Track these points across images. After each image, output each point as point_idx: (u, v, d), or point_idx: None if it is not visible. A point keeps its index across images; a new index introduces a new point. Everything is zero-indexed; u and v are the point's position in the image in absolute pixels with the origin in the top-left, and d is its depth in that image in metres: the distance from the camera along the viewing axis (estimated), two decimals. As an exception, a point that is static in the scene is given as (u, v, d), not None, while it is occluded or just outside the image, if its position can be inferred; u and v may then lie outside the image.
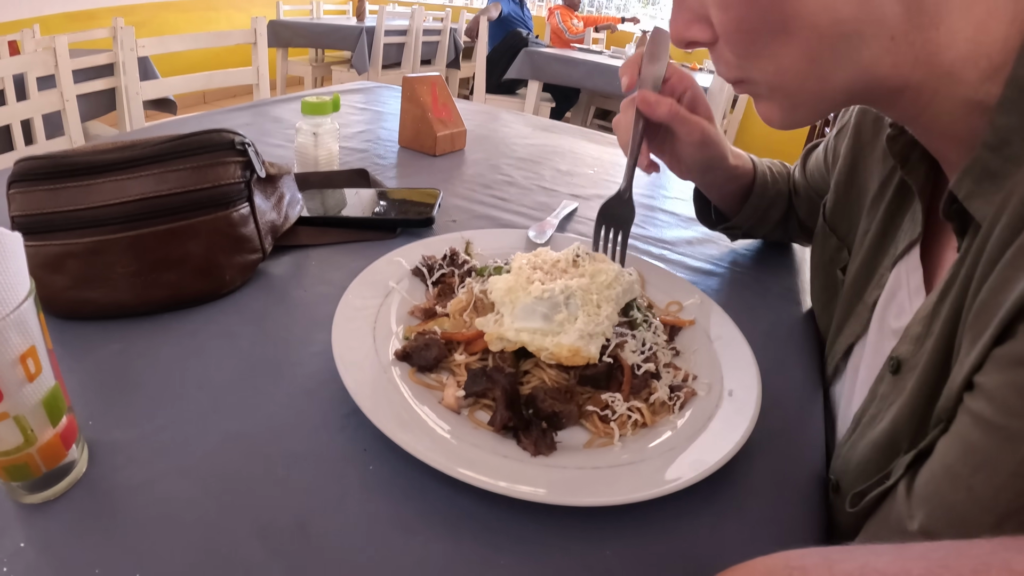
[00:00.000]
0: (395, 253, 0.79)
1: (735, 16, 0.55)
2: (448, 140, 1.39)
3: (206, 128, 0.73)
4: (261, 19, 2.48)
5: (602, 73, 4.64)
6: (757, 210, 1.02)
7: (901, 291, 0.68)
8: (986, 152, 0.51)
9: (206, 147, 0.72)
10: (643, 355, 0.64)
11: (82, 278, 0.66)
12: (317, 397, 0.59)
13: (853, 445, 0.61)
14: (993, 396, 0.41)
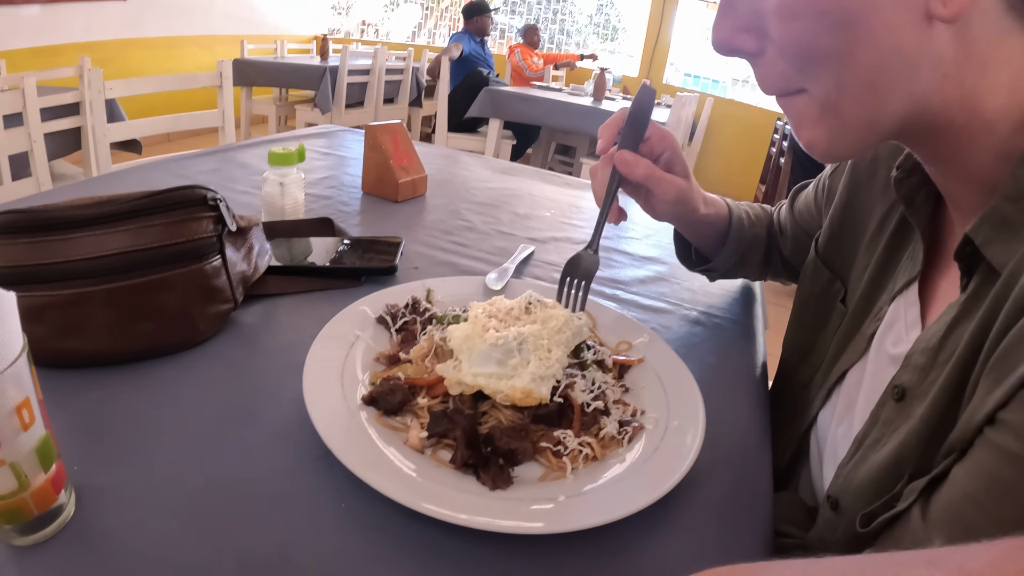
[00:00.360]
0: (360, 302, 0.83)
1: (801, 29, 0.55)
2: (410, 186, 1.43)
3: (179, 184, 0.77)
4: (227, 62, 2.51)
5: (562, 110, 4.72)
6: (735, 254, 1.05)
7: (899, 322, 0.72)
8: (1005, 203, 0.54)
9: (180, 203, 0.76)
10: (592, 394, 0.69)
11: (62, 328, 0.69)
12: (290, 440, 0.63)
13: (855, 467, 0.65)
14: (1019, 431, 0.44)
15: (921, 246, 0.71)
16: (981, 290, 0.57)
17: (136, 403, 0.66)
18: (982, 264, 0.56)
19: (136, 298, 0.72)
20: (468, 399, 0.66)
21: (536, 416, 0.65)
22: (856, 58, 0.54)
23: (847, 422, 0.75)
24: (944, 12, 0.50)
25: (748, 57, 0.60)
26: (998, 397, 0.46)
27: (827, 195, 0.94)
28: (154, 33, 6.57)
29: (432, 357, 0.72)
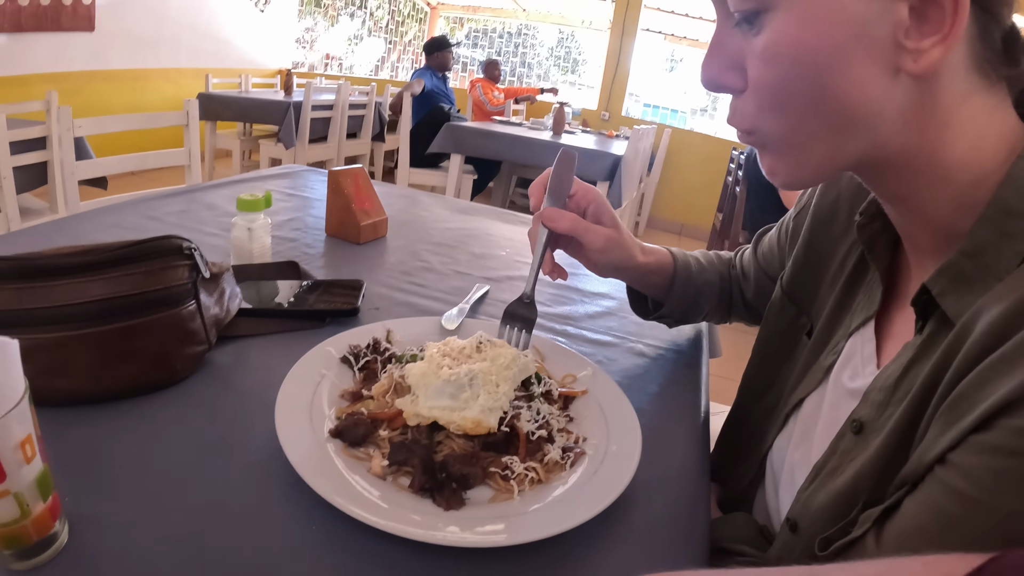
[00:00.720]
0: (325, 343, 0.89)
1: (778, 74, 0.58)
2: (371, 228, 1.50)
3: (151, 227, 0.82)
4: (193, 102, 2.55)
5: (522, 145, 4.80)
6: (684, 299, 1.09)
7: (855, 357, 0.76)
8: (963, 258, 0.58)
9: (158, 252, 0.81)
10: (536, 423, 0.76)
11: (48, 369, 0.73)
12: (264, 470, 0.68)
13: (814, 492, 0.68)
14: (969, 473, 0.48)
15: (879, 287, 0.76)
16: (935, 336, 0.61)
17: (119, 439, 0.71)
18: (937, 311, 0.61)
19: (117, 341, 0.77)
20: (424, 430, 0.72)
21: (486, 444, 0.72)
22: (824, 103, 0.58)
23: (804, 448, 0.79)
24: (914, 68, 0.55)
25: (732, 93, 0.64)
26: (949, 440, 0.50)
27: (791, 235, 0.99)
28: (120, 65, 6.58)
29: (392, 393, 0.78)
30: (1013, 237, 0.56)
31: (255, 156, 6.50)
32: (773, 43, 0.57)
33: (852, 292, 0.83)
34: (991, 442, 0.47)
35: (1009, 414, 0.46)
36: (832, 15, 0.55)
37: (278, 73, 8.66)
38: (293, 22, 9.48)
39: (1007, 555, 0.26)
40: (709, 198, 7.16)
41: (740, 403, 1.00)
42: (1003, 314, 0.50)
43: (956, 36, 0.53)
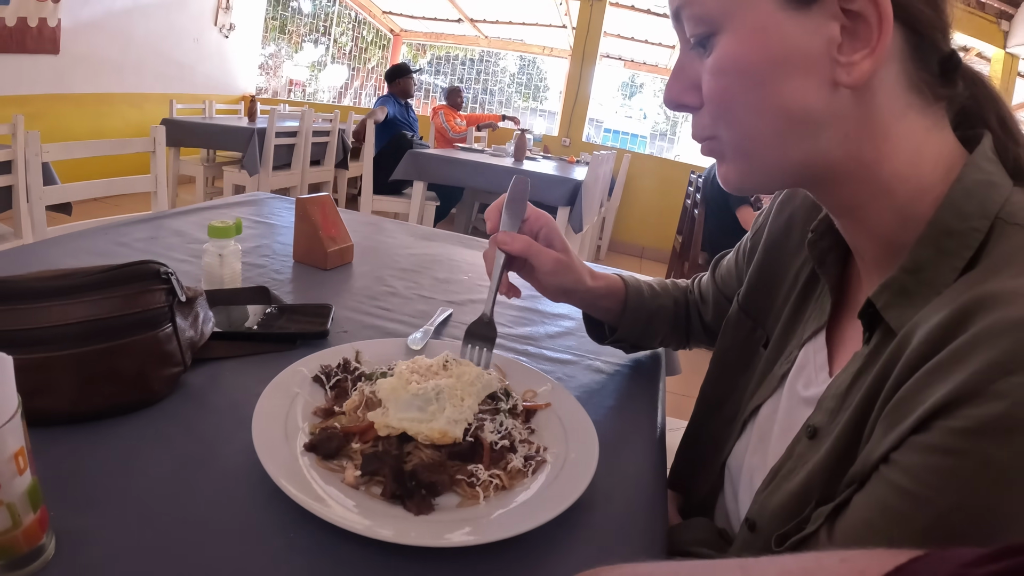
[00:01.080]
0: (298, 363, 0.92)
1: (724, 84, 0.65)
2: (338, 255, 1.53)
3: (122, 253, 0.85)
4: (160, 128, 2.56)
5: (484, 171, 4.85)
6: (637, 323, 1.13)
7: (809, 366, 0.81)
8: (903, 274, 0.63)
9: (137, 277, 0.85)
10: (499, 434, 0.81)
11: (30, 390, 0.73)
12: (242, 484, 0.71)
13: (771, 493, 0.72)
14: (908, 470, 0.52)
15: (829, 299, 0.81)
16: (881, 345, 0.65)
17: (99, 457, 0.73)
18: (882, 323, 0.65)
19: (97, 363, 0.79)
20: (394, 441, 0.76)
21: (452, 453, 0.76)
22: (766, 111, 0.64)
23: (761, 453, 0.84)
24: (847, 80, 0.60)
25: (692, 111, 0.71)
26: (891, 441, 0.54)
27: (748, 255, 1.04)
28: (84, 89, 6.54)
29: (363, 408, 0.82)
30: (950, 254, 0.61)
31: (218, 183, 6.45)
32: (720, 59, 0.64)
33: (804, 304, 0.88)
34: (929, 442, 0.51)
35: (944, 416, 0.50)
36: (769, 34, 0.61)
37: (242, 99, 8.64)
38: (257, 48, 9.47)
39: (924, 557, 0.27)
40: (669, 221, 7.25)
41: (699, 414, 1.04)
42: (940, 324, 0.54)
43: (883, 48, 0.59)
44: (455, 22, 12.14)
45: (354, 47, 13.08)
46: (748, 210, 4.44)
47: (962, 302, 0.54)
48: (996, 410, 0.47)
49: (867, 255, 0.74)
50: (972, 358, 0.50)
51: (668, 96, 0.71)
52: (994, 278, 0.55)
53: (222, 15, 8.29)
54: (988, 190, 0.62)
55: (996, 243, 0.60)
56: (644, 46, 11.58)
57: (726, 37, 0.64)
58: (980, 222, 0.61)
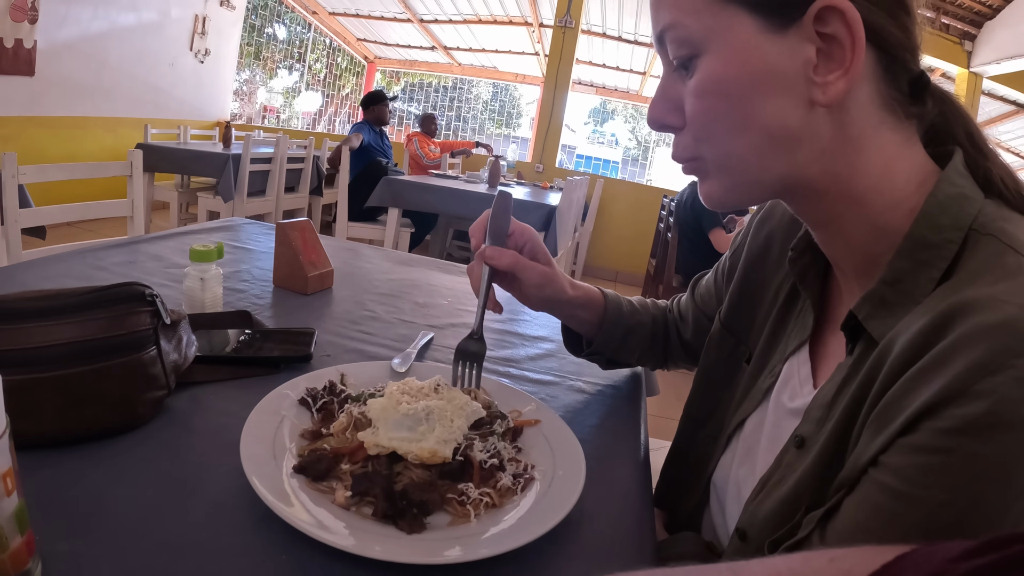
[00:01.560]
0: (283, 387, 0.92)
1: (707, 104, 0.68)
2: (318, 279, 1.53)
3: (99, 275, 0.85)
4: (137, 152, 2.54)
5: (459, 198, 4.86)
6: (614, 336, 1.14)
7: (793, 379, 0.82)
8: (883, 286, 0.66)
9: (122, 299, 0.84)
10: (489, 453, 0.81)
11: (14, 412, 0.73)
12: (230, 507, 0.71)
13: (761, 502, 0.73)
14: (897, 471, 0.54)
15: (811, 314, 0.83)
16: (863, 355, 0.66)
17: (84, 480, 0.72)
18: (864, 334, 0.67)
19: (82, 385, 0.79)
20: (384, 462, 0.76)
21: (442, 473, 0.76)
22: (747, 131, 0.67)
23: (748, 465, 0.85)
24: (823, 99, 0.64)
25: (674, 131, 0.73)
26: (879, 444, 0.56)
27: (727, 273, 1.06)
28: (59, 112, 6.51)
29: (352, 429, 0.82)
30: (927, 265, 0.64)
31: (193, 209, 6.43)
32: (702, 80, 0.67)
33: (786, 319, 0.90)
34: (917, 443, 0.53)
35: (931, 417, 0.52)
36: (748, 56, 0.65)
37: (217, 125, 8.62)
38: (232, 73, 9.47)
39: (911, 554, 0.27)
40: (642, 245, 7.32)
41: (683, 432, 1.05)
42: (921, 331, 0.56)
43: (856, 70, 0.63)
44: (429, 50, 12.25)
45: (328, 74, 13.14)
46: (720, 232, 4.49)
47: (942, 309, 0.56)
48: (979, 409, 0.50)
49: (846, 268, 0.76)
50: (954, 361, 0.53)
51: (652, 116, 0.73)
52: (970, 286, 0.58)
53: (198, 40, 8.30)
54: (961, 203, 0.65)
55: (971, 253, 0.62)
56: (615, 72, 11.73)
57: (708, 59, 0.67)
58: (954, 234, 0.63)
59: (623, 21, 9.51)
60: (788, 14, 0.64)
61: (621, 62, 11.13)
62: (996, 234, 0.62)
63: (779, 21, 0.64)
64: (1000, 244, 0.61)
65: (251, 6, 10.08)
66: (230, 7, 8.68)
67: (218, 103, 9.12)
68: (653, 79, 11.45)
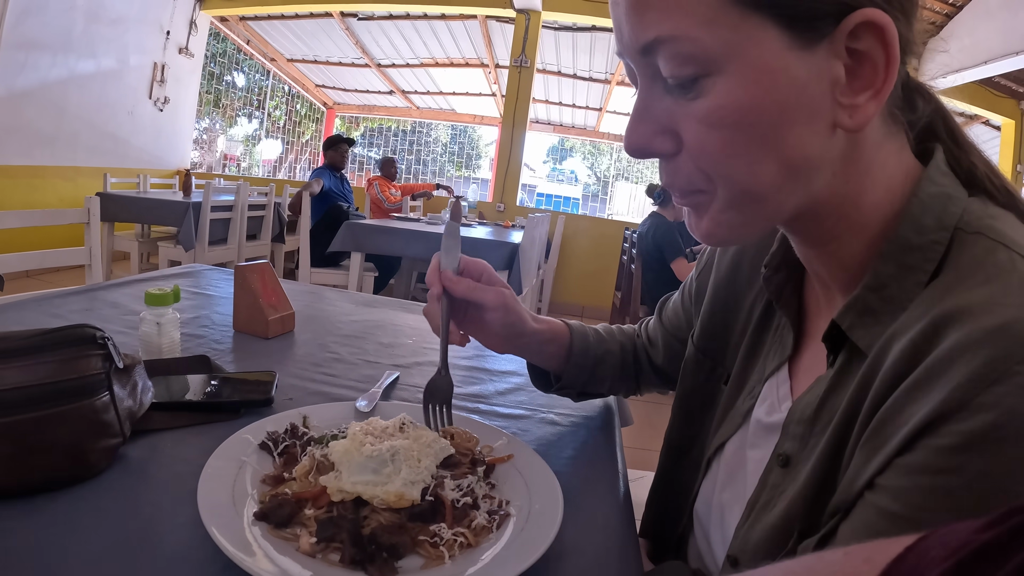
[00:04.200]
0: (243, 431, 0.89)
1: (724, 137, 0.58)
2: (279, 323, 1.50)
3: (69, 324, 0.82)
4: (94, 199, 2.50)
5: (421, 240, 4.85)
6: (583, 368, 1.11)
7: (771, 397, 0.79)
8: (867, 292, 0.62)
9: (71, 341, 0.81)
10: (461, 491, 0.78)
11: None
12: (190, 561, 0.67)
13: (750, 528, 0.70)
14: (897, 495, 0.50)
15: (790, 332, 0.80)
16: (848, 367, 0.64)
17: (36, 533, 0.69)
18: (847, 344, 0.64)
19: (31, 432, 0.75)
20: (350, 506, 0.73)
21: (412, 515, 0.73)
22: (767, 165, 0.59)
23: (731, 489, 0.82)
24: (849, 123, 0.58)
25: (664, 157, 0.63)
26: (876, 466, 0.53)
27: (696, 294, 1.03)
28: (16, 161, 6.43)
29: (314, 473, 0.79)
30: (913, 269, 0.60)
31: (153, 259, 6.36)
32: (718, 108, 0.58)
33: (762, 337, 0.87)
34: (916, 463, 0.50)
35: (929, 435, 0.49)
36: (775, 78, 0.56)
37: (176, 173, 8.56)
38: (191, 121, 9.42)
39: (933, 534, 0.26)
40: (607, 278, 7.37)
41: (666, 461, 1.03)
42: (912, 341, 0.54)
43: (888, 90, 0.57)
44: (387, 94, 12.33)
45: (288, 121, 13.16)
46: (683, 262, 4.53)
47: (932, 317, 0.54)
48: (984, 423, 0.47)
49: (835, 282, 0.72)
50: (951, 373, 0.50)
51: (633, 143, 0.63)
52: (960, 287, 0.56)
53: (157, 88, 8.25)
54: (945, 203, 0.62)
55: (958, 253, 0.59)
56: (572, 110, 11.88)
57: (725, 80, 0.57)
58: (940, 234, 0.61)
59: (577, 59, 9.66)
60: (821, 28, 0.56)
61: (577, 99, 11.27)
62: (984, 231, 0.59)
63: (810, 36, 0.56)
64: (989, 241, 0.58)
65: (210, 54, 10.07)
66: (189, 55, 8.66)
67: (178, 151, 9.05)
68: (610, 115, 11.61)
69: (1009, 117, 8.18)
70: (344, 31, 9.85)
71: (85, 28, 6.93)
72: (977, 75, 6.94)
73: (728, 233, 0.65)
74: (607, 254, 7.58)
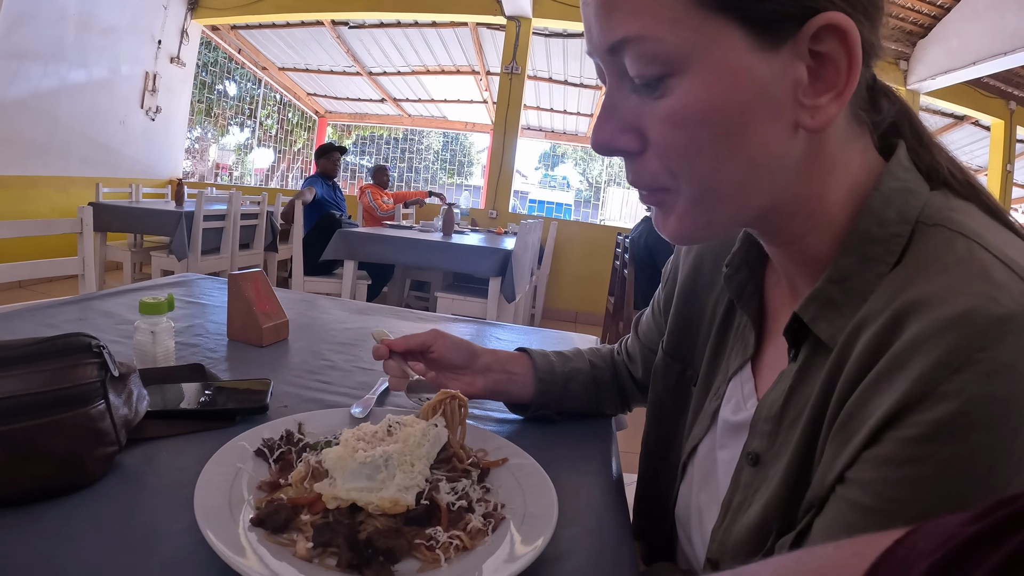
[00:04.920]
0: (238, 438, 0.90)
1: (687, 135, 0.59)
2: (273, 331, 1.51)
3: (51, 334, 0.83)
4: (87, 209, 2.49)
5: (414, 247, 4.84)
6: (554, 385, 1.14)
7: (736, 396, 0.81)
8: (828, 284, 0.63)
9: (67, 350, 0.82)
10: (456, 495, 0.79)
11: None
12: (188, 567, 0.68)
13: (728, 529, 0.71)
14: (867, 488, 0.51)
15: (752, 331, 0.81)
16: (813, 361, 0.65)
17: (30, 543, 0.69)
18: (809, 337, 0.65)
19: (27, 440, 0.75)
20: (346, 511, 0.74)
21: (407, 519, 0.74)
22: (731, 163, 0.60)
23: (707, 490, 0.83)
24: (811, 124, 0.59)
25: (627, 156, 0.64)
26: (844, 459, 0.54)
27: (664, 303, 1.05)
28: (8, 171, 6.41)
29: (310, 479, 0.80)
30: (875, 260, 0.61)
31: (146, 268, 6.35)
32: (682, 107, 0.58)
33: (725, 337, 0.88)
34: (883, 455, 0.51)
35: (895, 426, 0.50)
36: (739, 78, 0.57)
37: (169, 183, 8.54)
38: (183, 131, 9.41)
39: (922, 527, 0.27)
40: (600, 284, 7.37)
41: (645, 467, 1.04)
42: (874, 333, 0.55)
43: (850, 92, 0.58)
44: (378, 102, 12.32)
45: (280, 129, 13.15)
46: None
47: (893, 308, 0.54)
48: (948, 411, 0.48)
49: (800, 279, 0.73)
50: (913, 363, 0.51)
51: (599, 139, 0.64)
52: (920, 277, 0.56)
53: (148, 97, 8.23)
54: (906, 196, 0.63)
55: (918, 245, 0.60)
56: (563, 116, 11.90)
57: (689, 80, 0.58)
58: (901, 227, 0.61)
59: (568, 66, 9.67)
60: (784, 30, 0.57)
61: (569, 106, 11.30)
62: (944, 223, 0.60)
63: (772, 38, 0.57)
64: (949, 232, 0.58)
65: (201, 63, 10.07)
66: (180, 64, 8.65)
67: (170, 161, 9.04)
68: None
69: (998, 117, 8.26)
70: (335, 39, 9.86)
71: (77, 38, 6.92)
72: (966, 76, 7.03)
73: (694, 231, 0.66)
74: (600, 259, 7.58)
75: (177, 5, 8.44)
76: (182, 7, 8.55)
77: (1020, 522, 0.23)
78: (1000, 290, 0.51)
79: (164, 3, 8.16)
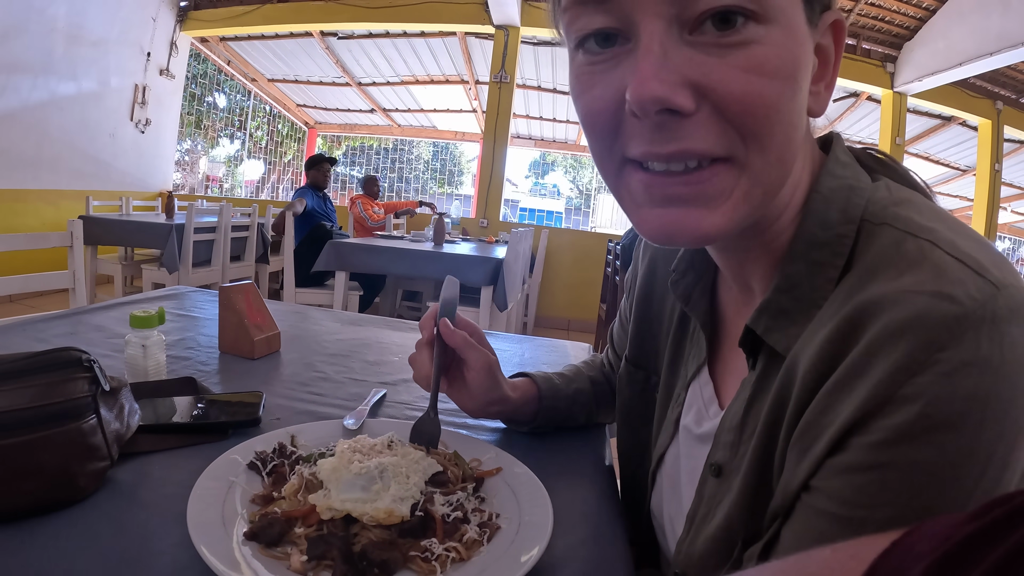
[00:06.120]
0: (231, 452, 0.89)
1: (775, 89, 0.54)
2: (264, 343, 1.50)
3: (55, 347, 0.82)
4: (77, 222, 2.48)
5: (405, 257, 4.83)
6: (557, 411, 1.12)
7: (697, 403, 0.80)
8: (778, 294, 0.62)
9: (57, 365, 0.81)
10: (451, 506, 0.79)
11: None
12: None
13: (692, 542, 0.71)
14: (834, 495, 0.51)
15: (703, 335, 0.80)
16: (769, 370, 0.64)
17: (22, 559, 0.68)
18: (765, 347, 0.64)
19: (18, 456, 0.75)
20: (340, 523, 0.73)
21: (402, 531, 0.73)
22: (798, 131, 0.58)
23: (675, 500, 0.83)
24: (815, 108, 0.60)
25: (678, 116, 0.54)
26: (807, 468, 0.54)
27: (628, 312, 1.04)
28: (-2, 185, 6.38)
29: (303, 491, 0.79)
30: (822, 265, 0.60)
31: (137, 282, 6.32)
32: (775, 55, 0.54)
33: (682, 342, 0.87)
34: (848, 462, 0.51)
35: (859, 433, 0.50)
36: (804, 44, 0.56)
37: (159, 195, 8.52)
38: (173, 143, 9.40)
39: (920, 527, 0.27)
40: (592, 291, 7.39)
41: (623, 476, 1.03)
42: (829, 340, 0.54)
43: (835, 84, 0.61)
44: (368, 112, 12.33)
45: (270, 141, 13.15)
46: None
47: (847, 314, 0.54)
48: (911, 414, 0.48)
49: (751, 281, 0.72)
50: (873, 368, 0.50)
51: (653, 93, 0.52)
52: (872, 282, 0.55)
53: (138, 110, 8.23)
54: (848, 194, 0.63)
55: (866, 246, 0.59)
56: (553, 124, 11.93)
57: (775, 30, 0.53)
58: (846, 227, 0.61)
59: (557, 74, 9.71)
60: (817, 14, 0.58)
61: (558, 113, 11.33)
62: (890, 222, 0.59)
63: (813, 18, 0.57)
64: (896, 231, 0.57)
65: (191, 75, 10.08)
66: (170, 76, 8.65)
67: (160, 173, 9.02)
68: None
69: (985, 117, 8.35)
70: (324, 50, 9.87)
71: (66, 50, 6.92)
72: (952, 77, 7.13)
73: (744, 218, 0.59)
74: (591, 267, 7.61)
75: (166, 17, 8.45)
76: (171, 19, 8.56)
77: (1017, 520, 0.23)
78: (955, 287, 0.50)
79: (153, 15, 8.17)
